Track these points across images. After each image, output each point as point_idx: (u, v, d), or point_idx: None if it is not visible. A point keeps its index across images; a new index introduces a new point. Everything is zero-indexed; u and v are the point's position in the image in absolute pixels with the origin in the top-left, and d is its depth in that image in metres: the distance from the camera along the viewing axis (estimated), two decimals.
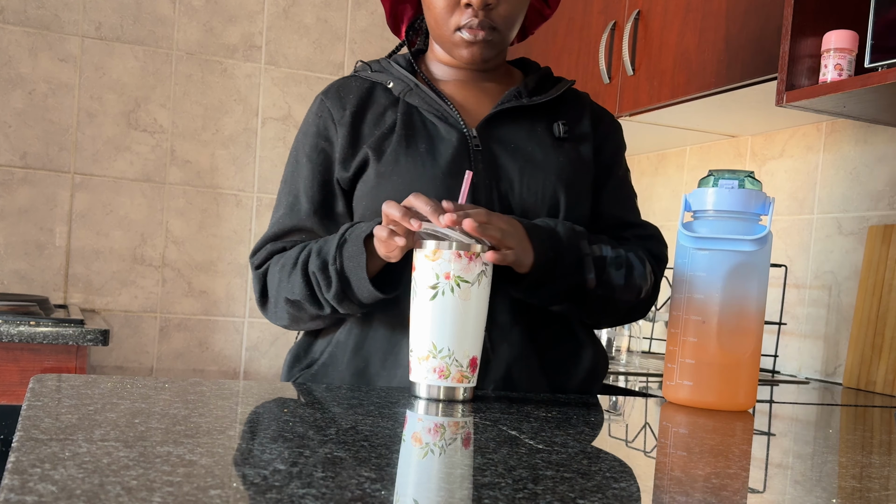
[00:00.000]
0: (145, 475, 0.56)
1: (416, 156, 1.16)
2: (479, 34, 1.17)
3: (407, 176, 1.15)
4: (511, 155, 1.19)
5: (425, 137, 1.19)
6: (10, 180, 2.36)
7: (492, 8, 1.16)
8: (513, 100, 1.22)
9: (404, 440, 0.76)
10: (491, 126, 1.20)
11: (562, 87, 1.26)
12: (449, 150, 1.17)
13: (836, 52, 1.50)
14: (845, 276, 1.90)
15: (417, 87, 1.21)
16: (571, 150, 1.22)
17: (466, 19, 1.17)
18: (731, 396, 1.10)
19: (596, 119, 1.28)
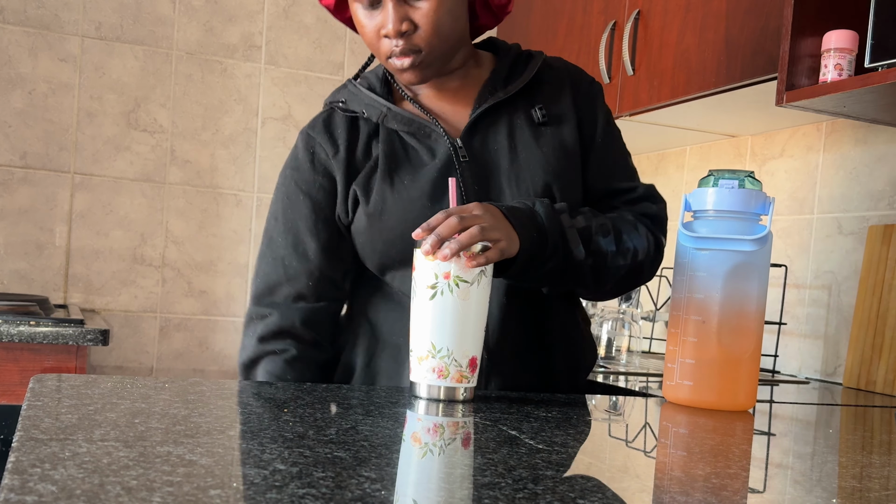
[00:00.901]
0: (145, 475, 0.56)
1: (401, 191, 1.16)
2: (405, 61, 1.14)
3: (395, 214, 1.16)
4: (496, 157, 1.19)
5: (408, 166, 1.18)
6: (10, 180, 2.36)
7: (410, 33, 1.13)
8: (488, 97, 1.20)
9: (404, 440, 0.76)
10: (473, 132, 1.19)
11: (534, 65, 1.23)
12: (432, 172, 1.16)
13: (836, 52, 1.50)
14: (845, 276, 1.90)
15: (390, 109, 1.20)
16: (553, 137, 1.20)
17: (389, 48, 1.14)
18: (731, 396, 1.10)
19: (574, 90, 1.25)
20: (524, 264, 1.06)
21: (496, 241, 0.99)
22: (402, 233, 1.14)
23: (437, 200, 1.15)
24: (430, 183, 1.16)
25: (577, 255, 1.11)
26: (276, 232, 1.22)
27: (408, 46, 1.13)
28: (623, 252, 1.16)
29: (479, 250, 0.97)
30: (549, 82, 1.24)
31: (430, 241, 0.95)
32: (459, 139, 1.18)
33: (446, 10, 1.12)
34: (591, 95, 1.26)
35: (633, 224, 1.18)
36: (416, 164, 1.18)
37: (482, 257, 0.97)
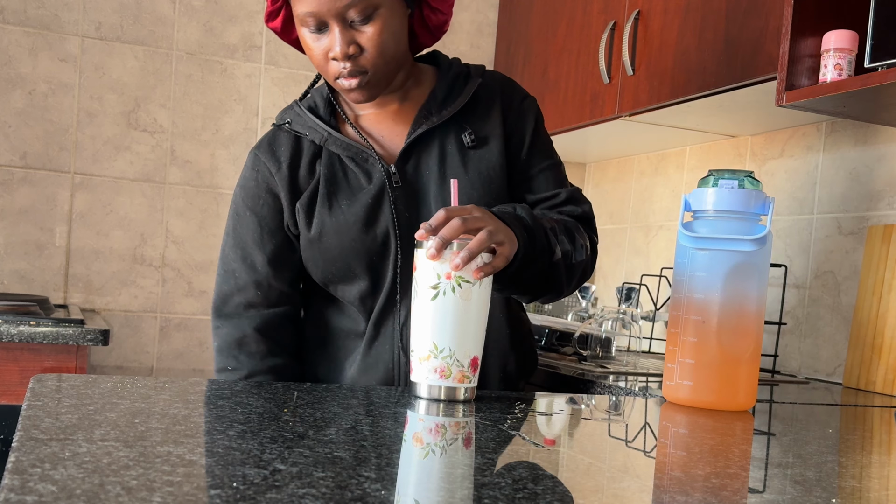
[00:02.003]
0: (145, 475, 0.56)
1: (338, 215, 1.22)
2: (352, 81, 1.19)
3: (332, 237, 1.22)
4: (427, 182, 1.24)
5: (346, 190, 1.24)
6: (10, 180, 2.36)
7: (357, 56, 1.17)
8: (423, 122, 1.24)
9: (405, 440, 0.76)
10: (407, 157, 1.24)
11: (470, 88, 1.27)
12: (367, 198, 1.22)
13: (835, 52, 1.50)
14: (845, 276, 1.90)
15: (331, 134, 1.25)
16: (481, 160, 1.25)
17: (337, 70, 1.18)
18: (731, 396, 1.10)
19: (505, 107, 1.29)
20: (519, 265, 1.07)
21: (500, 243, 1.01)
22: (339, 254, 1.22)
23: (371, 224, 1.22)
24: (364, 208, 1.22)
25: (556, 254, 1.15)
26: (227, 246, 1.30)
27: (355, 68, 1.17)
28: (579, 248, 1.21)
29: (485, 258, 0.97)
30: (484, 101, 1.29)
31: (434, 245, 0.95)
32: (394, 165, 1.23)
33: (390, 33, 1.17)
34: (521, 112, 1.31)
35: (573, 224, 1.24)
36: (354, 187, 1.24)
37: (489, 267, 0.98)
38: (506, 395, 1.09)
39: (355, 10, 1.13)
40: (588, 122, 2.24)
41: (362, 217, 1.22)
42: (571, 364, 1.78)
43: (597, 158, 2.81)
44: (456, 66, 1.31)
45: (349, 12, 1.13)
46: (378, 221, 1.22)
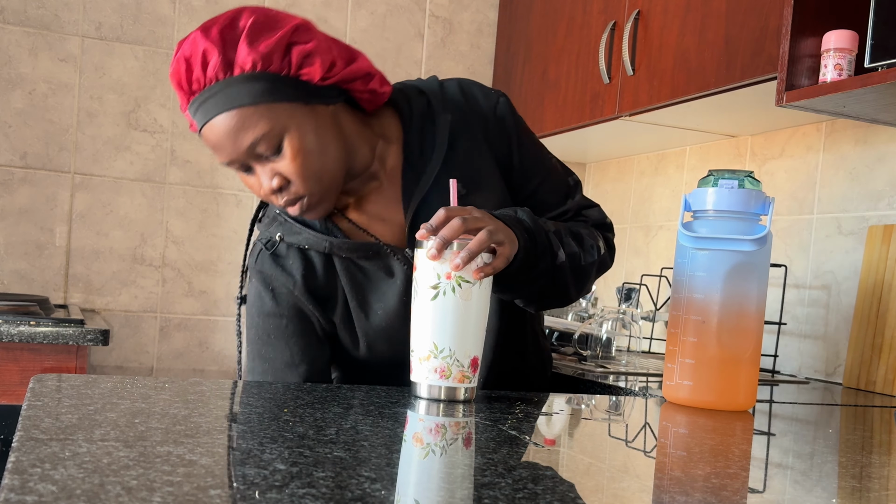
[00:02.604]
0: (145, 475, 0.56)
1: (378, 321, 1.18)
2: (295, 209, 1.12)
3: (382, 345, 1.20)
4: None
5: (375, 292, 1.19)
6: (10, 180, 2.36)
7: (286, 187, 1.09)
8: (413, 190, 1.16)
9: (405, 440, 0.76)
10: (413, 231, 1.15)
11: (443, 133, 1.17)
12: (396, 295, 1.17)
13: (835, 52, 1.50)
14: (845, 276, 1.90)
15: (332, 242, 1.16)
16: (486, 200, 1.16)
17: (278, 202, 1.12)
18: (731, 396, 1.10)
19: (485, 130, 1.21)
20: (520, 266, 1.06)
21: (500, 243, 0.99)
22: (393, 355, 1.20)
23: (405, 306, 1.17)
24: (401, 305, 1.17)
25: (559, 256, 1.12)
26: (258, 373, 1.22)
27: (290, 197, 1.10)
28: (588, 249, 1.18)
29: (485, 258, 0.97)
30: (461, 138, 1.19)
31: (435, 245, 0.95)
32: (408, 250, 1.17)
33: (308, 153, 1.08)
34: (500, 126, 1.22)
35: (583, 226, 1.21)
36: (379, 286, 1.18)
37: (489, 267, 0.97)
38: (506, 395, 1.09)
39: (261, 147, 1.06)
40: (588, 122, 2.24)
41: (403, 315, 1.16)
42: (571, 364, 1.78)
43: (597, 158, 2.81)
44: (416, 105, 1.20)
45: (257, 150, 1.06)
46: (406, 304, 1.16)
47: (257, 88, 1.04)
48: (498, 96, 1.23)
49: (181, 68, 1.05)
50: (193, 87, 1.06)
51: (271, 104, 1.05)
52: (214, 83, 1.05)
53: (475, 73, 2.80)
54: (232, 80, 1.04)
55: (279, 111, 1.06)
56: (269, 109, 1.05)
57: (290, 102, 1.07)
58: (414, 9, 2.73)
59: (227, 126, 1.05)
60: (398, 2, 2.71)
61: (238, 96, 1.04)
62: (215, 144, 1.08)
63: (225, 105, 1.05)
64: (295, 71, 1.07)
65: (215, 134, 1.07)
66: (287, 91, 1.06)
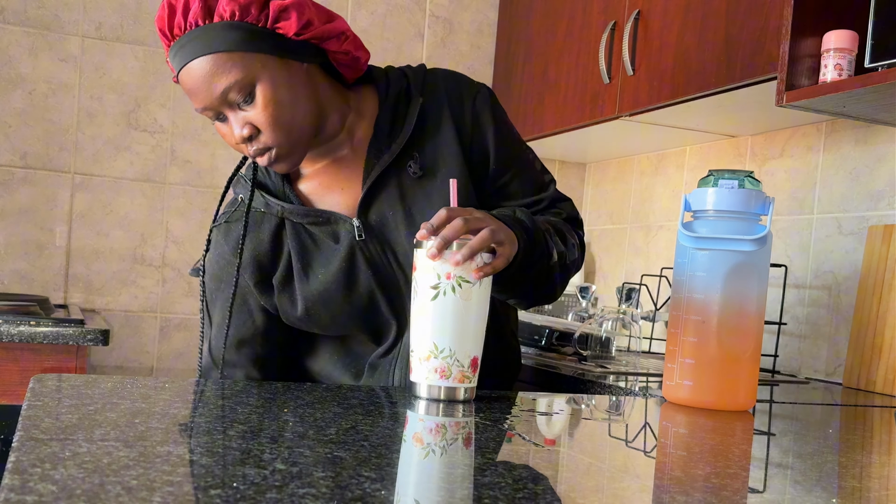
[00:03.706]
0: (145, 475, 0.56)
1: (317, 286, 1.21)
2: (262, 159, 1.16)
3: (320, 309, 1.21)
4: (395, 224, 1.20)
5: (318, 256, 1.22)
6: (10, 180, 2.36)
7: (255, 136, 1.13)
8: (375, 165, 1.20)
9: (405, 440, 0.76)
10: (368, 204, 1.20)
11: (413, 114, 1.21)
12: (338, 261, 1.20)
13: (835, 52, 1.50)
14: (845, 276, 1.90)
15: (284, 207, 1.21)
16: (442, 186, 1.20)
17: (246, 151, 1.16)
18: (731, 396, 1.10)
19: (457, 119, 1.23)
20: (519, 266, 1.07)
21: (501, 243, 1.00)
22: (332, 321, 1.23)
23: (351, 286, 1.21)
24: (341, 272, 1.21)
25: (553, 256, 1.14)
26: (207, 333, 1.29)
27: (259, 147, 1.14)
28: (571, 248, 1.20)
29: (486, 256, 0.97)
30: (431, 120, 1.23)
31: (435, 245, 0.95)
32: (356, 218, 1.20)
33: (278, 103, 1.12)
34: (476, 118, 1.24)
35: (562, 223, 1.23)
36: (324, 250, 1.22)
37: (489, 267, 0.98)
38: (506, 395, 1.09)
39: (233, 93, 1.10)
40: (588, 122, 2.24)
41: (342, 281, 1.20)
42: (571, 364, 1.78)
43: (597, 158, 2.81)
44: (395, 85, 1.24)
45: (229, 96, 1.10)
46: (358, 280, 1.21)
47: (233, 37, 1.09)
48: (479, 87, 1.26)
49: (164, 14, 1.11)
50: (175, 31, 1.11)
51: (245, 53, 1.10)
52: (194, 28, 1.10)
53: (475, 73, 2.80)
54: (210, 27, 1.09)
55: (253, 60, 1.10)
56: (244, 58, 1.10)
57: (264, 54, 1.11)
58: (414, 9, 2.73)
59: (202, 70, 1.10)
60: (398, 2, 2.71)
61: (214, 42, 1.09)
62: (191, 89, 1.12)
63: (202, 50, 1.09)
64: (271, 24, 1.11)
65: (191, 78, 1.11)
66: (262, 42, 1.11)
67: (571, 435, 0.90)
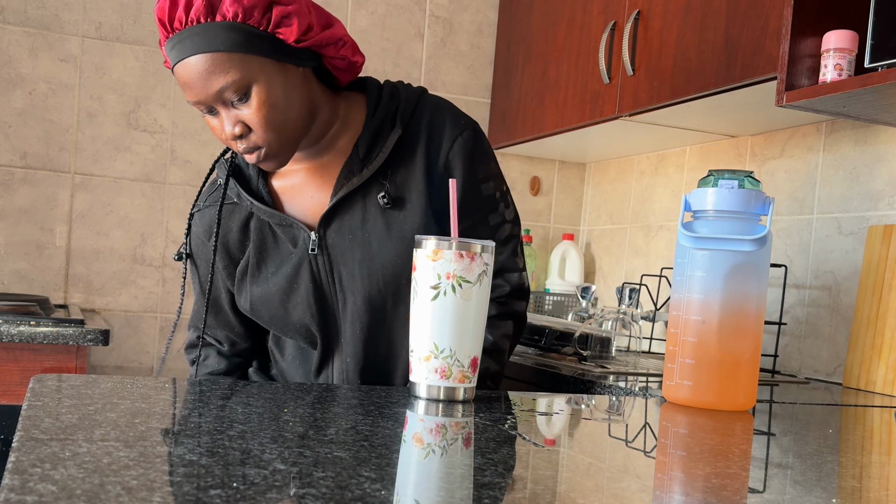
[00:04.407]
0: (145, 475, 0.56)
1: (263, 284, 1.26)
2: (251, 157, 1.18)
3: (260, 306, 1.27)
4: (349, 248, 1.22)
5: (276, 256, 1.26)
6: (10, 180, 2.36)
7: (246, 134, 1.15)
8: (344, 184, 1.21)
9: (404, 440, 0.76)
10: (329, 221, 1.23)
11: (389, 143, 1.22)
12: (288, 267, 1.24)
13: (835, 52, 1.50)
14: (845, 276, 1.90)
15: (254, 204, 1.25)
16: (404, 221, 1.22)
17: (235, 147, 1.18)
18: (731, 396, 1.10)
19: (431, 159, 1.23)
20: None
21: None
22: (270, 320, 1.28)
23: (291, 293, 1.24)
24: (285, 277, 1.24)
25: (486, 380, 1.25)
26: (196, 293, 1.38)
27: (249, 145, 1.16)
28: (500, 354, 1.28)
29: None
30: (407, 153, 1.24)
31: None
32: (314, 232, 1.23)
33: (272, 105, 1.13)
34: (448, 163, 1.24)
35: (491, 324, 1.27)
36: (282, 252, 1.26)
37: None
38: (506, 395, 1.09)
39: (229, 92, 1.12)
40: (588, 122, 2.24)
41: (284, 287, 1.24)
42: (571, 364, 1.78)
43: (597, 158, 2.81)
44: (382, 108, 1.24)
45: (224, 95, 1.12)
46: (298, 290, 1.24)
47: (234, 38, 1.10)
48: (462, 129, 1.25)
49: (165, 4, 1.11)
50: (175, 24, 1.12)
51: (244, 55, 1.11)
52: (195, 24, 1.11)
53: (475, 72, 2.80)
54: (211, 26, 1.10)
55: (251, 62, 1.12)
56: (242, 60, 1.11)
57: (262, 57, 1.13)
58: (414, 9, 2.73)
59: (199, 67, 1.11)
60: (398, 2, 2.71)
61: (215, 41, 1.10)
62: (186, 82, 1.13)
63: (201, 47, 1.10)
64: (272, 28, 1.13)
65: (188, 72, 1.12)
66: (262, 46, 1.12)
67: (571, 435, 0.90)
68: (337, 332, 1.26)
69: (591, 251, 2.86)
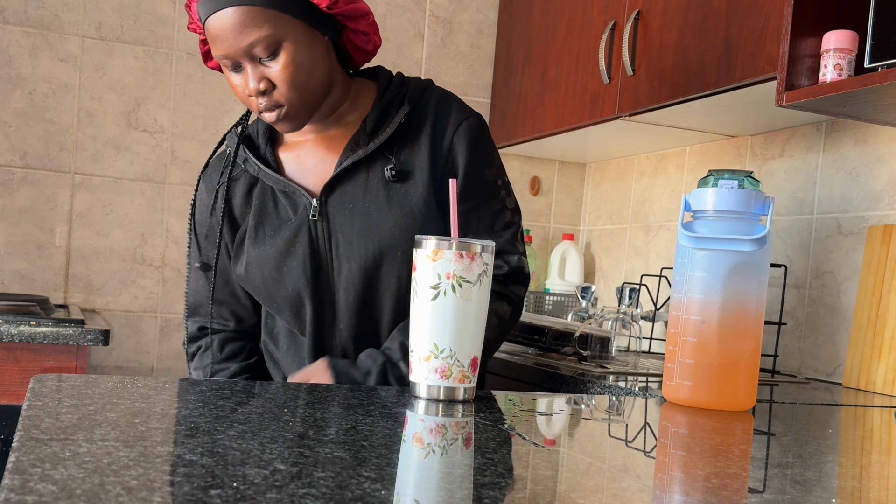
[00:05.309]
0: (145, 475, 0.56)
1: (260, 247, 1.28)
2: (271, 115, 1.22)
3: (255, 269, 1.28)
4: (348, 217, 1.25)
5: (274, 222, 1.29)
6: (10, 180, 2.36)
7: (269, 91, 1.19)
8: (349, 155, 1.26)
9: (404, 440, 0.76)
10: (331, 190, 1.26)
11: (397, 119, 1.26)
12: (287, 230, 1.27)
13: (835, 52, 1.50)
14: (845, 276, 1.90)
15: (261, 169, 1.28)
16: (406, 195, 1.25)
17: (256, 105, 1.22)
18: (731, 396, 1.10)
19: (435, 139, 1.27)
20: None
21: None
22: (262, 285, 1.29)
23: (287, 256, 1.26)
24: (284, 240, 1.27)
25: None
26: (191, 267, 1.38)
27: (270, 103, 1.20)
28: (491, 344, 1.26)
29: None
30: (413, 131, 1.28)
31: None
32: (316, 199, 1.26)
33: (297, 65, 1.18)
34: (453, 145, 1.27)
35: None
36: (281, 217, 1.28)
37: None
38: (506, 395, 1.09)
39: (259, 47, 1.16)
40: (588, 122, 2.24)
41: (281, 251, 1.26)
42: (571, 364, 1.78)
43: (597, 158, 2.81)
44: (392, 90, 1.29)
45: (254, 50, 1.16)
46: (295, 255, 1.26)
47: None
48: (467, 117, 1.29)
49: None
50: None
51: (278, 12, 1.16)
52: None
53: (475, 72, 2.80)
54: None
55: (283, 21, 1.17)
56: (276, 17, 1.16)
57: (294, 17, 1.17)
58: (414, 9, 2.73)
59: (234, 20, 1.15)
60: (398, 2, 2.71)
61: None
62: (217, 35, 1.17)
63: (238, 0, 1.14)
64: None
65: (221, 24, 1.16)
66: (295, 6, 1.17)
67: (571, 435, 0.90)
68: (330, 300, 1.27)
69: (591, 251, 2.86)
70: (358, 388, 1.05)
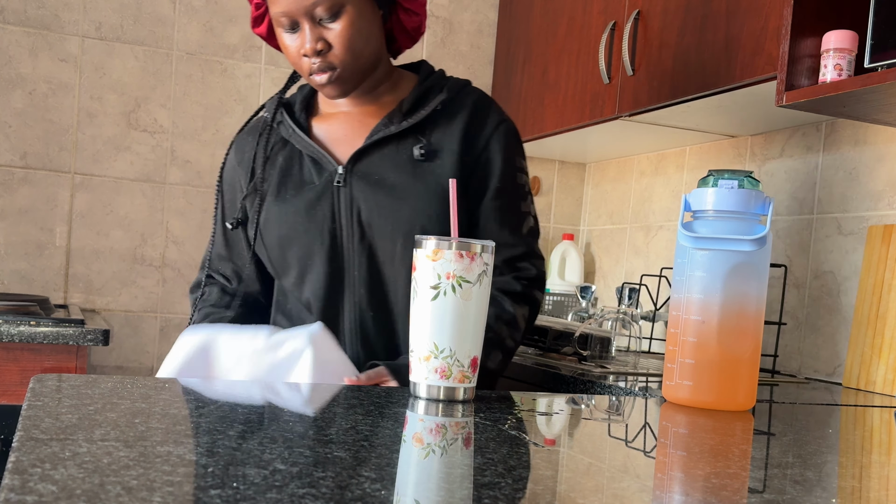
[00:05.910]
0: (145, 475, 0.56)
1: (281, 204, 1.31)
2: (323, 77, 1.25)
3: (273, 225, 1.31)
4: (372, 188, 1.27)
5: (298, 183, 1.31)
6: (10, 180, 2.36)
7: (325, 52, 1.23)
8: (382, 130, 1.29)
9: (404, 440, 0.76)
10: (359, 160, 1.29)
11: (434, 104, 1.30)
12: (312, 192, 1.29)
13: (835, 52, 1.50)
14: (845, 276, 1.90)
15: (294, 132, 1.32)
16: (431, 173, 1.27)
17: (308, 66, 1.25)
18: (731, 396, 1.10)
19: (470, 129, 1.30)
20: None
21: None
22: (277, 242, 1.31)
23: (307, 217, 1.28)
24: (306, 201, 1.29)
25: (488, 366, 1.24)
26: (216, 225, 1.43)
27: (324, 63, 1.24)
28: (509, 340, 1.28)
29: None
30: (446, 117, 1.31)
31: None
32: (342, 167, 1.28)
33: (356, 30, 1.23)
34: (489, 138, 1.31)
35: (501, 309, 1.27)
36: (306, 181, 1.31)
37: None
38: (506, 395, 1.09)
39: (322, 7, 1.20)
40: (588, 123, 2.24)
41: (301, 209, 1.29)
42: (571, 364, 1.78)
43: (597, 158, 2.81)
44: (433, 79, 1.34)
45: (316, 10, 1.20)
46: (315, 216, 1.28)
47: None
48: (507, 120, 1.34)
49: None
50: None
51: None
52: None
53: (475, 73, 2.80)
54: None
55: None
56: None
57: None
58: None
59: None
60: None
61: None
62: None
63: None
64: None
65: None
66: None
67: (571, 435, 0.90)
68: (341, 268, 1.29)
69: (590, 251, 2.86)
70: (358, 388, 1.05)
